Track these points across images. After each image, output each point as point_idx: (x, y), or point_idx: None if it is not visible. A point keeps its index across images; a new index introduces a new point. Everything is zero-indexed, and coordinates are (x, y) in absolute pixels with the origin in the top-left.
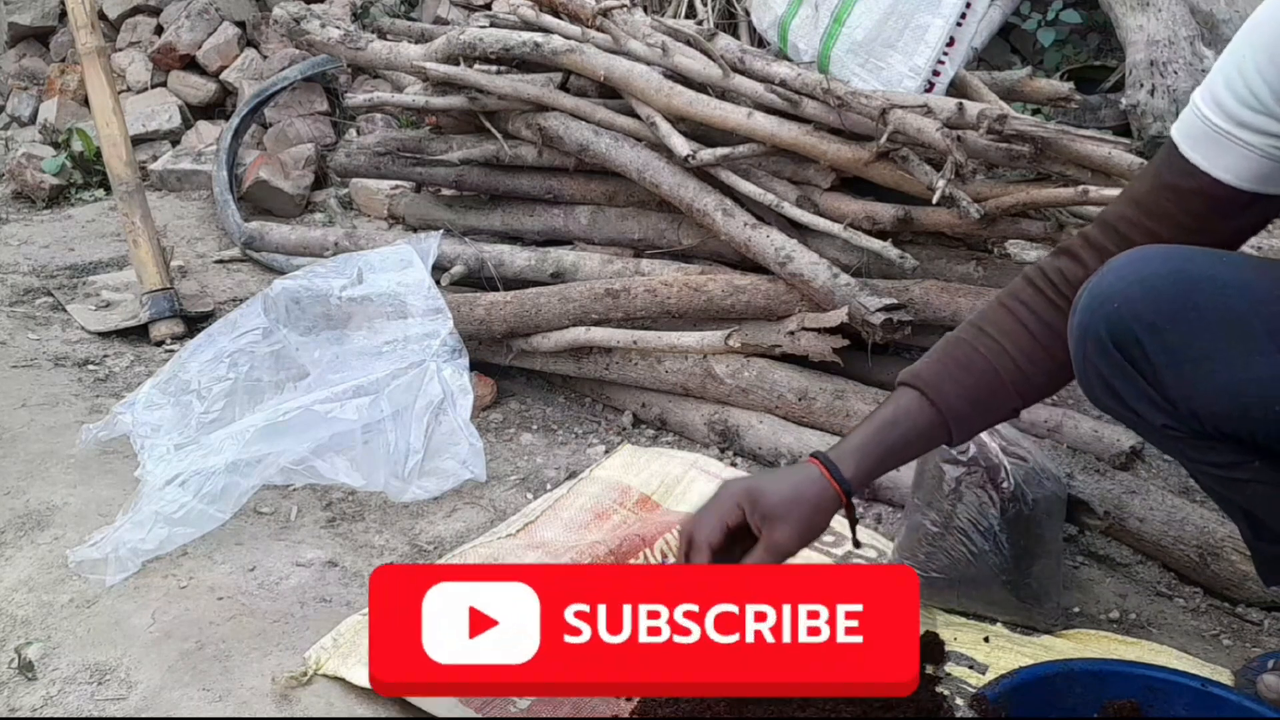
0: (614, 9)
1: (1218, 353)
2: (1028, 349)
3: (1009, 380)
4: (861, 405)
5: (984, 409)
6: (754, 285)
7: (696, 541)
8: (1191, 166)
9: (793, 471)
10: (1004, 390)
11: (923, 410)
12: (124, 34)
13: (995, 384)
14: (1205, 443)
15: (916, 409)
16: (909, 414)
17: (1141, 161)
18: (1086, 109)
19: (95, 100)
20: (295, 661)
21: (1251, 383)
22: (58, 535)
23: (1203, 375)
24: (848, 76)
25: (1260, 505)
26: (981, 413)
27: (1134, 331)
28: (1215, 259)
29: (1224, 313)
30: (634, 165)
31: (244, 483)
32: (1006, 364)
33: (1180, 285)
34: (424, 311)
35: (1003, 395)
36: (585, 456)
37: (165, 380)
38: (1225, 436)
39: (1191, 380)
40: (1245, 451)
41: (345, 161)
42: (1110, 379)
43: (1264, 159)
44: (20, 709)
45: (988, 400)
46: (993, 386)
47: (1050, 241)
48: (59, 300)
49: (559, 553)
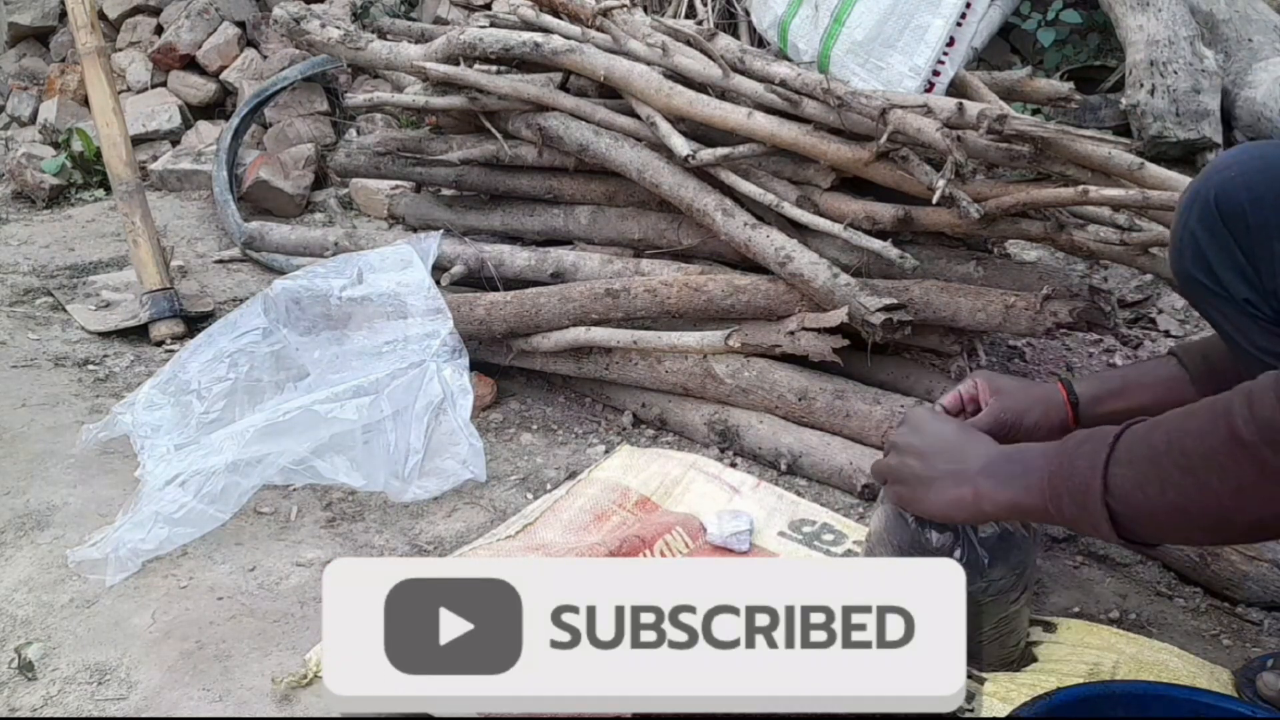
0: (614, 9)
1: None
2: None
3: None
4: (861, 405)
5: (1222, 375)
6: (754, 285)
7: (934, 405)
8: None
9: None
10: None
11: (1168, 362)
12: (124, 34)
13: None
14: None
15: (1164, 361)
16: (1156, 363)
17: (1141, 161)
18: (1086, 109)
19: (95, 100)
20: (295, 662)
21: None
22: (58, 535)
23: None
24: (848, 76)
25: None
26: (1219, 376)
27: (1242, 201)
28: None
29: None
30: (634, 165)
31: (244, 483)
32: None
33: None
34: (424, 311)
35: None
36: (585, 456)
37: (165, 380)
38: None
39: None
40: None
41: (345, 161)
42: (1205, 245)
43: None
44: (20, 709)
45: (1228, 370)
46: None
47: (1050, 241)
48: (59, 300)
49: (559, 554)
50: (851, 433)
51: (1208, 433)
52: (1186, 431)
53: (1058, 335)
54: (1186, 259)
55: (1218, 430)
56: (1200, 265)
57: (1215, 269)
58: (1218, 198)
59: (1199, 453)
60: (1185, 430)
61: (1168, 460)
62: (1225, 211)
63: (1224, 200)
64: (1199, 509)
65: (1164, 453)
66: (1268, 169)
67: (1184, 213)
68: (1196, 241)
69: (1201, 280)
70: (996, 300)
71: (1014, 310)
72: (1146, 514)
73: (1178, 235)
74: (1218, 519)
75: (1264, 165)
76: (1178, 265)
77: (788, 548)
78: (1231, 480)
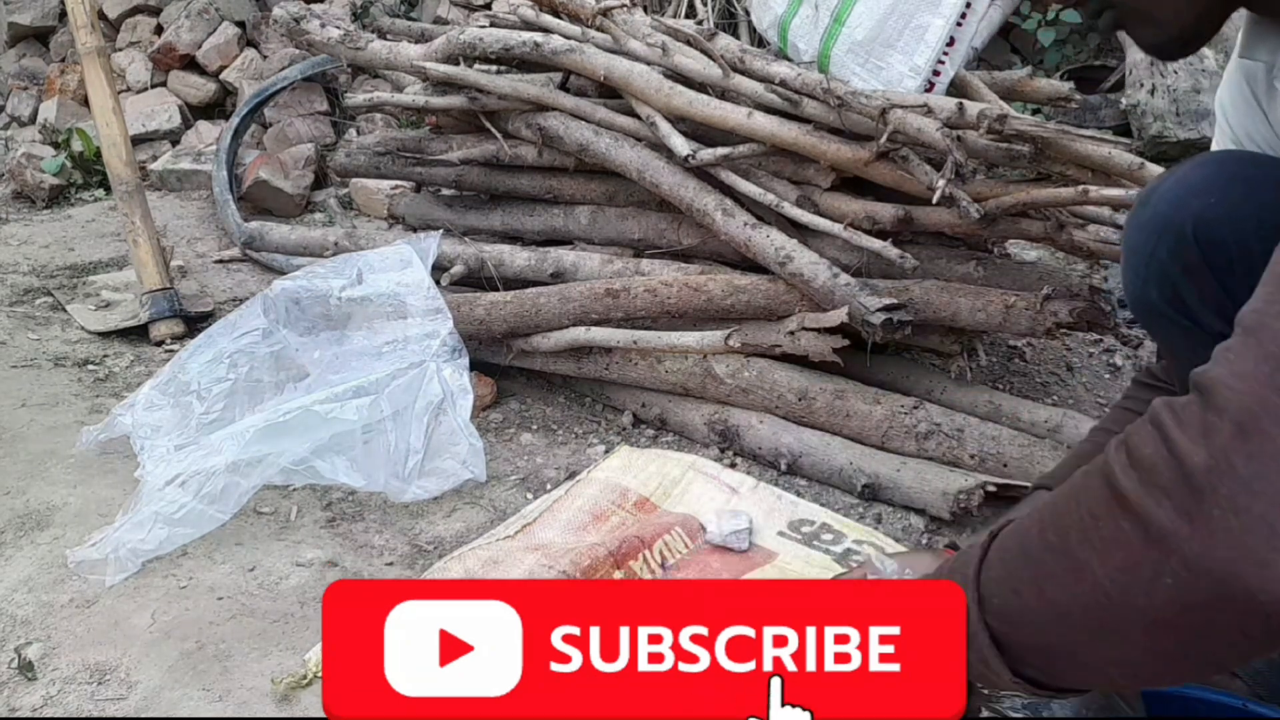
0: (614, 9)
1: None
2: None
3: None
4: (861, 405)
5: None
6: (754, 285)
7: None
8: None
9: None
10: None
11: (1041, 495)
12: (124, 34)
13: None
14: None
15: (1039, 497)
16: (1031, 499)
17: (1141, 161)
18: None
19: (95, 100)
20: (295, 662)
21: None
22: (58, 535)
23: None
24: (848, 76)
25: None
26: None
27: (1225, 235)
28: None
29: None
30: (634, 165)
31: (244, 483)
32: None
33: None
34: (424, 311)
35: None
36: (585, 456)
37: (165, 381)
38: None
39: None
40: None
41: (345, 161)
42: (1176, 279)
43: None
44: (20, 709)
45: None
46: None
47: (1050, 241)
48: (59, 300)
49: (558, 554)
50: (851, 433)
51: (1082, 497)
52: (1059, 504)
53: (1058, 335)
54: (1152, 289)
55: (1092, 491)
56: (1168, 297)
57: (1186, 302)
58: (1196, 230)
59: (1074, 526)
60: (1058, 504)
61: (1039, 546)
62: (1206, 244)
63: (1204, 232)
64: (1080, 607)
65: (1037, 537)
66: (1251, 196)
67: (1149, 240)
68: (1165, 273)
69: (1167, 312)
70: (996, 300)
71: (1014, 310)
72: (1031, 630)
73: (1140, 263)
74: (1104, 619)
75: (1247, 192)
76: (1139, 293)
77: (787, 547)
78: (1113, 555)
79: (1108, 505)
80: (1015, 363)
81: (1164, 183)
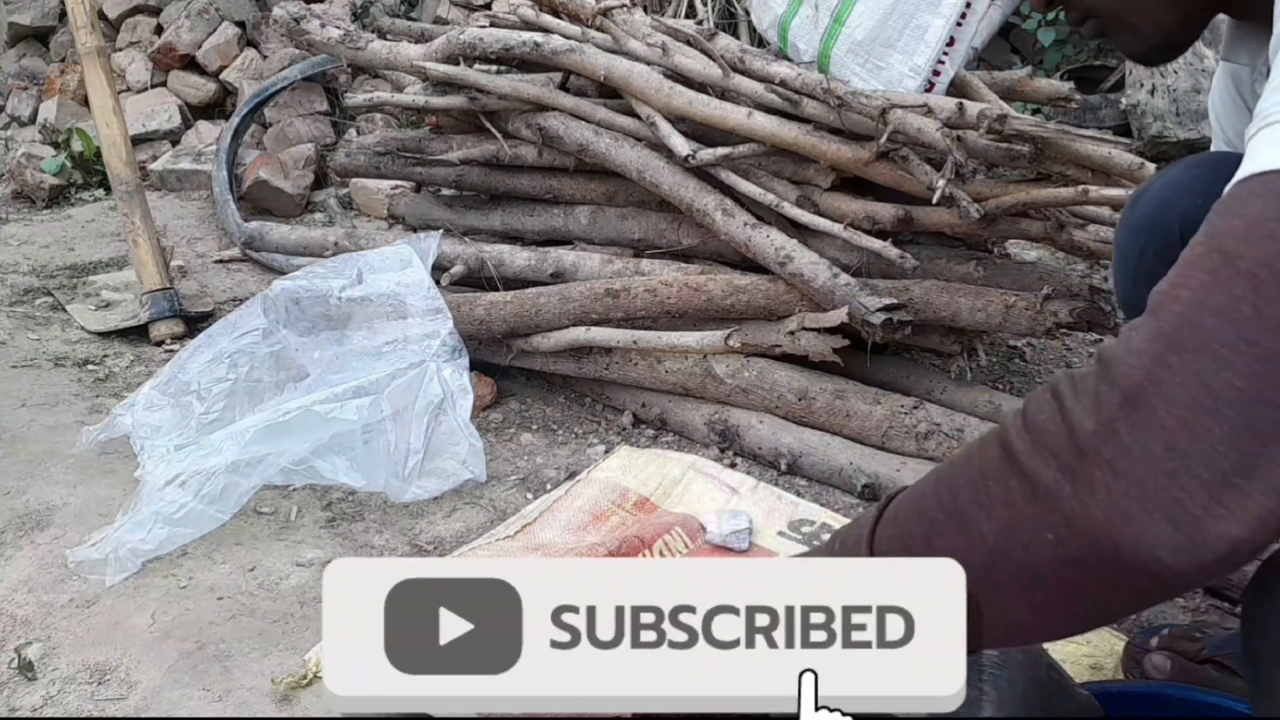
0: (614, 9)
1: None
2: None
3: None
4: (861, 405)
5: None
6: (754, 285)
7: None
8: None
9: None
10: None
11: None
12: (124, 34)
13: None
14: None
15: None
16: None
17: (1141, 161)
18: (1086, 109)
19: (95, 100)
20: (295, 662)
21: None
22: (58, 535)
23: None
24: (848, 76)
25: None
26: None
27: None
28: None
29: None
30: (634, 165)
31: (244, 483)
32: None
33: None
34: (424, 311)
35: None
36: (585, 456)
37: (165, 381)
38: None
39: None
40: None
41: (345, 161)
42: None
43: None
44: (20, 709)
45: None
46: None
47: (1050, 241)
48: (59, 300)
49: (558, 555)
50: (851, 433)
51: (976, 458)
52: (955, 463)
53: (1058, 335)
54: (1141, 290)
55: (987, 452)
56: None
57: None
58: (1183, 231)
59: (965, 484)
60: (955, 464)
61: (933, 504)
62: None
63: (1190, 233)
64: (966, 562)
65: (931, 496)
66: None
67: (1137, 241)
68: (1153, 273)
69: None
70: (996, 300)
71: (1014, 310)
72: None
73: (1130, 263)
74: (989, 575)
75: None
76: (1128, 292)
77: (787, 547)
78: (1000, 513)
79: (998, 465)
80: (1015, 363)
81: (1153, 184)
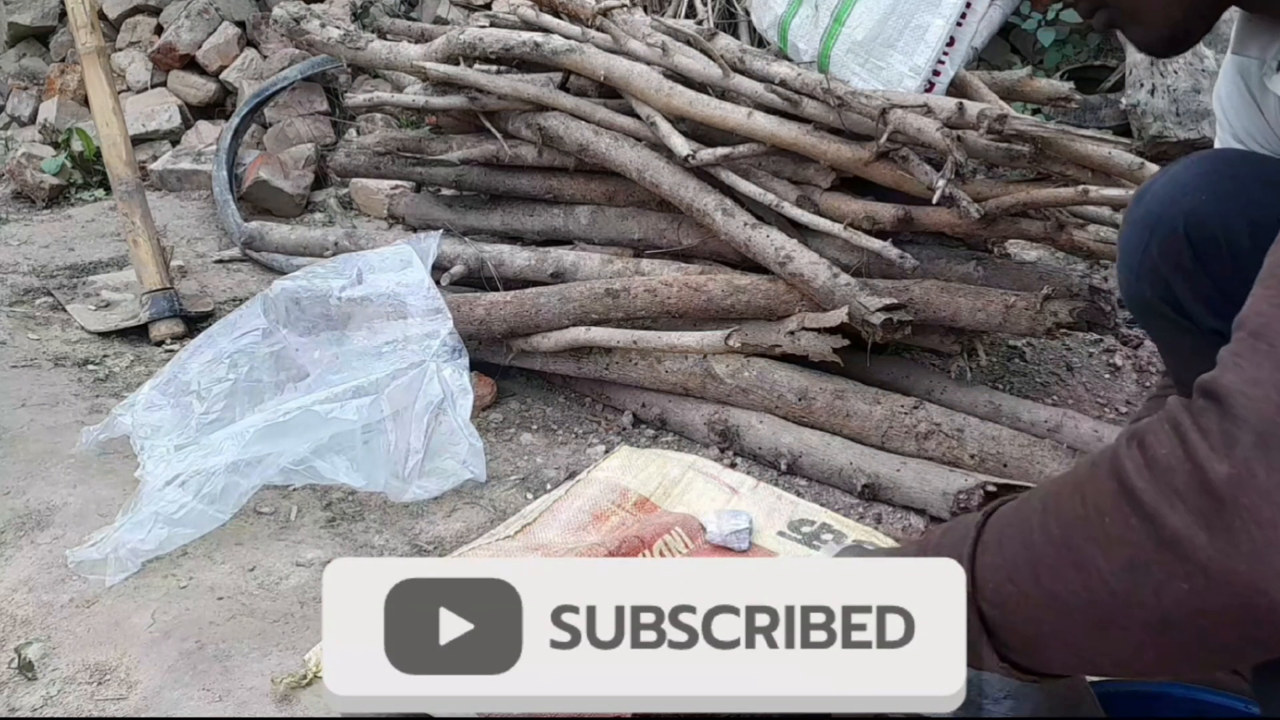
0: (614, 9)
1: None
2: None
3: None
4: (862, 405)
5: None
6: (754, 285)
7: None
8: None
9: None
10: None
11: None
12: (124, 34)
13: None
14: None
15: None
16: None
17: (1141, 161)
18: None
19: (95, 100)
20: (295, 662)
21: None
22: (58, 535)
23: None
24: (848, 76)
25: None
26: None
27: (1216, 231)
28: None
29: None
30: (634, 165)
31: (244, 483)
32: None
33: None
34: (424, 311)
35: None
36: (585, 456)
37: (165, 381)
38: None
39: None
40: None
41: (345, 161)
42: (1169, 275)
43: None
44: (20, 709)
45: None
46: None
47: (1050, 241)
48: (59, 300)
49: (558, 555)
50: (851, 433)
51: (1088, 490)
52: (1062, 494)
53: (1058, 335)
54: (1145, 286)
55: (1099, 484)
56: (1161, 293)
57: (1179, 298)
58: (1188, 226)
59: (1077, 518)
60: (1061, 493)
61: (1040, 536)
62: (1197, 241)
63: (1196, 229)
64: (1080, 601)
65: (1037, 526)
66: (1241, 193)
67: (1141, 237)
68: (1157, 270)
69: (1160, 309)
70: (996, 300)
71: (1014, 310)
72: (1024, 617)
73: (1134, 260)
74: (1105, 615)
75: (1238, 189)
76: (1133, 290)
77: (787, 547)
78: (1119, 553)
79: (1116, 502)
80: (1015, 363)
81: (1157, 181)
